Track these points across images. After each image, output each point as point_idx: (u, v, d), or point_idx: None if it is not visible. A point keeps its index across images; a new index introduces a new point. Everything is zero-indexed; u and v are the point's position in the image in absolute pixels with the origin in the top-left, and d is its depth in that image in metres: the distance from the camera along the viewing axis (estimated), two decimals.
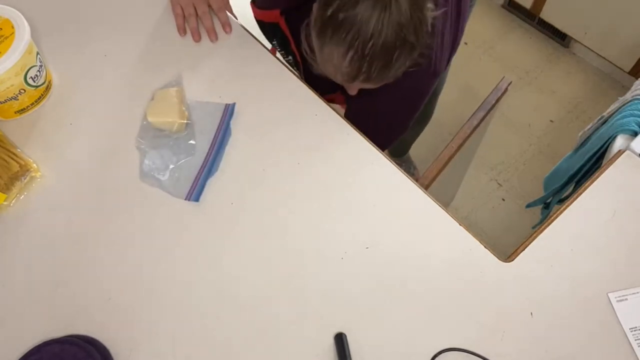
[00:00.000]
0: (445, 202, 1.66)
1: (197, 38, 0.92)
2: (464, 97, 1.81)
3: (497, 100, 1.09)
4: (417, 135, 1.53)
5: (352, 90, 0.80)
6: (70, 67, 0.91)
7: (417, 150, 1.63)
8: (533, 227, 1.10)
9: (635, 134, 0.84)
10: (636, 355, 0.65)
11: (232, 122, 0.84)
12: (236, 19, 0.98)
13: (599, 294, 0.69)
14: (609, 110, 1.01)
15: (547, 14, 1.82)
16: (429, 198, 0.76)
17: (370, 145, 0.81)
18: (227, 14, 0.94)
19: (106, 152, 0.83)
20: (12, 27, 0.81)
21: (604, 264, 0.72)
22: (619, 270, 0.71)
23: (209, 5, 0.93)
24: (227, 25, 0.93)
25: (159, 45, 0.93)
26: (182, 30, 0.93)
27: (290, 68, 0.90)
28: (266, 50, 0.91)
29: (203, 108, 0.85)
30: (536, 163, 1.70)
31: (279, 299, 0.71)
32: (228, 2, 0.96)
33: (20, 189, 0.79)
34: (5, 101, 0.83)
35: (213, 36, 0.92)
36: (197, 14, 0.93)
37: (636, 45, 1.62)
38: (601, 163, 0.92)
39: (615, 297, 0.69)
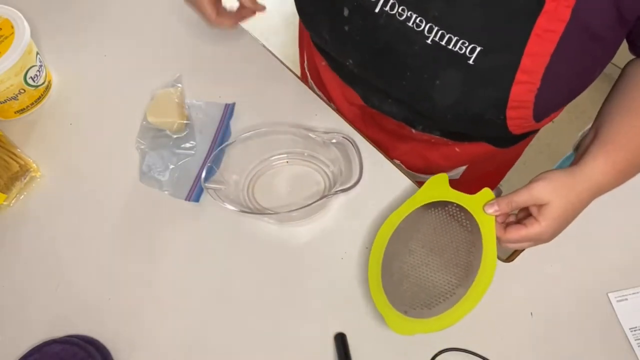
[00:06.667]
0: None
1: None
2: None
3: None
4: None
5: None
6: (70, 67, 0.91)
7: None
8: None
9: None
10: (636, 355, 0.65)
11: (232, 122, 0.84)
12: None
13: (599, 294, 0.69)
14: None
15: None
16: None
17: (368, 143, 0.81)
18: None
19: (106, 152, 0.83)
20: (12, 27, 0.81)
21: (604, 264, 0.72)
22: (619, 270, 0.71)
23: None
24: (259, 8, 0.77)
25: (159, 45, 0.93)
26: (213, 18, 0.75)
27: (290, 68, 0.90)
28: (266, 50, 0.91)
29: (203, 108, 0.85)
30: (536, 163, 1.70)
31: (279, 299, 0.71)
32: None
33: (20, 189, 0.79)
34: (5, 101, 0.83)
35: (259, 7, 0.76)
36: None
37: None
38: None
39: (615, 297, 0.69)
